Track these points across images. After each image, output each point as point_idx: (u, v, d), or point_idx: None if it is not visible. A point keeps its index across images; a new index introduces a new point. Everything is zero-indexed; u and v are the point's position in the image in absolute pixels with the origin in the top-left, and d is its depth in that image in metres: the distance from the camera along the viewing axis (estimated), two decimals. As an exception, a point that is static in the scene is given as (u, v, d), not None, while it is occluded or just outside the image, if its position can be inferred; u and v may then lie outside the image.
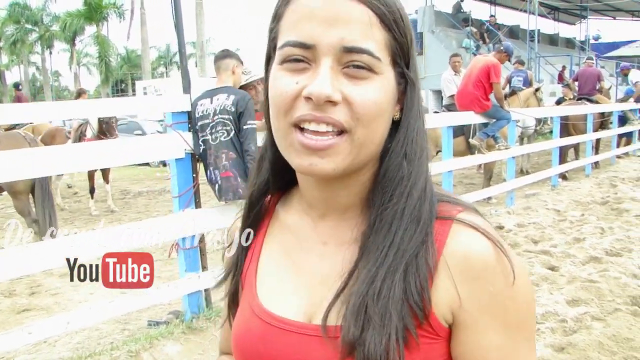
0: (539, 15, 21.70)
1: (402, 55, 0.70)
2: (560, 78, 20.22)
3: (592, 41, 25.90)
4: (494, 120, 6.79)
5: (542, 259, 5.15)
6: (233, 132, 3.55)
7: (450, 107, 7.76)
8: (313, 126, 0.66)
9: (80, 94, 10.24)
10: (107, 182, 9.34)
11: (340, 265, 0.72)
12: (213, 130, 3.56)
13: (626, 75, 12.27)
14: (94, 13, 35.88)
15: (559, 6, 25.78)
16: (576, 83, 11.32)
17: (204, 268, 3.79)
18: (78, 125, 9.12)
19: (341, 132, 0.66)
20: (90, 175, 9.07)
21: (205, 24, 25.57)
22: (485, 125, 6.99)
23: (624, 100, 12.07)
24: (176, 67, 57.91)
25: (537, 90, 9.11)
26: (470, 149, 7.32)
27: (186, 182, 3.66)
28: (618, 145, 11.75)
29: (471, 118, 6.70)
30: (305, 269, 0.76)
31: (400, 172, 0.70)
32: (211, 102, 3.62)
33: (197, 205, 3.69)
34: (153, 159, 4.36)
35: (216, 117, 3.57)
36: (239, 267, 0.84)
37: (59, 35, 39.98)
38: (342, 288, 0.69)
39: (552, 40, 26.68)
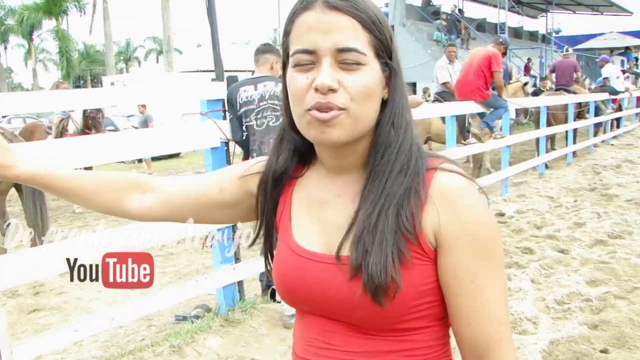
0: (506, 9, 22.15)
1: (384, 49, 0.91)
2: (527, 70, 20.68)
3: (553, 34, 26.57)
4: (492, 109, 6.90)
5: (551, 243, 5.28)
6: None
7: (442, 95, 7.83)
8: (321, 112, 0.87)
9: (58, 87, 9.95)
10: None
11: (349, 211, 0.93)
12: (259, 116, 3.54)
13: (602, 67, 12.64)
14: (53, 6, 34.67)
15: (523, 0, 26.35)
16: (553, 74, 11.59)
17: (237, 260, 3.73)
18: (59, 120, 8.84)
19: (341, 109, 0.87)
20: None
21: (172, 18, 25.01)
22: (480, 115, 7.08)
23: (596, 90, 12.44)
24: (137, 62, 56.73)
25: (525, 84, 9.31)
26: (463, 137, 7.41)
27: (220, 171, 3.60)
28: (595, 135, 12.09)
29: (471, 107, 6.78)
30: (326, 215, 0.98)
31: (389, 137, 0.92)
32: (255, 89, 3.58)
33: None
34: (189, 148, 4.29)
35: (263, 102, 3.55)
36: (269, 216, 1.06)
37: (15, 29, 38.60)
38: (349, 228, 0.91)
39: (517, 33, 27.25)
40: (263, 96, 3.56)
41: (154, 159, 13.70)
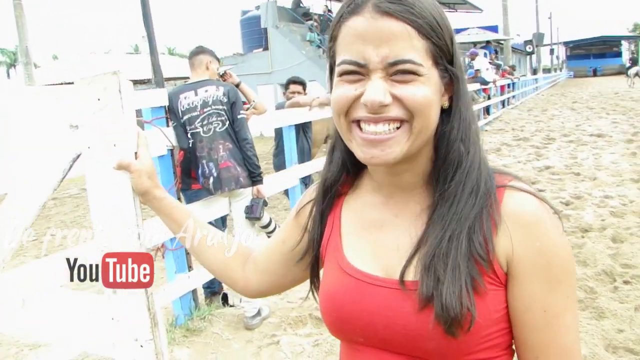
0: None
1: (443, 55, 0.81)
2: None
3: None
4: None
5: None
6: (228, 122, 3.46)
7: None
8: (372, 127, 0.80)
9: None
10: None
11: (411, 234, 0.86)
12: (205, 122, 3.43)
13: (473, 60, 13.68)
14: None
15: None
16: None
17: (190, 268, 3.62)
18: None
19: (400, 124, 0.79)
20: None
21: (28, 26, 23.11)
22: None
23: (468, 81, 13.46)
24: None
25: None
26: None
27: (168, 179, 3.47)
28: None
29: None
30: (382, 237, 0.89)
31: (459, 155, 0.83)
32: (196, 95, 3.47)
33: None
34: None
35: (207, 108, 3.45)
36: (316, 240, 0.98)
37: None
38: (414, 252, 0.83)
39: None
40: (206, 102, 3.47)
41: None
